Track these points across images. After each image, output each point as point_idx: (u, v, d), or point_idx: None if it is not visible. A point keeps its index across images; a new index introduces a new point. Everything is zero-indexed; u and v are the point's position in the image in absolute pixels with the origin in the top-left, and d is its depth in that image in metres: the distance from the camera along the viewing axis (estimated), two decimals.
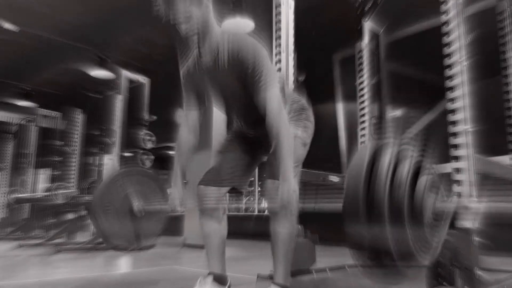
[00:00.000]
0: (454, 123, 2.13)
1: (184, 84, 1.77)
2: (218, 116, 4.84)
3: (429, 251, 1.15)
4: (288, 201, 1.44)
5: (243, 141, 1.83)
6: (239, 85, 1.61)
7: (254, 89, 1.55)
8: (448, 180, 1.40)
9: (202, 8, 1.52)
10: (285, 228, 1.60)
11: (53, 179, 6.70)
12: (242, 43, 1.56)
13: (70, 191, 5.63)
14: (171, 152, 5.25)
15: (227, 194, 1.80)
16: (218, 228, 1.73)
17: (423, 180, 1.15)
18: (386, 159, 1.09)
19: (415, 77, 4.36)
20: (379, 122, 3.24)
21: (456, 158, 2.09)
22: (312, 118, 1.85)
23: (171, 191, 1.78)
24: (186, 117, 1.80)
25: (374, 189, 1.05)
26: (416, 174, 1.13)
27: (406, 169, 1.11)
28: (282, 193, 1.44)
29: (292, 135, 1.57)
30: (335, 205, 1.28)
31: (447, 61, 2.17)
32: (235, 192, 1.84)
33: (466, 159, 2.07)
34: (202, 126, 1.84)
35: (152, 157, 5.19)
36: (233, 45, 1.56)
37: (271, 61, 1.59)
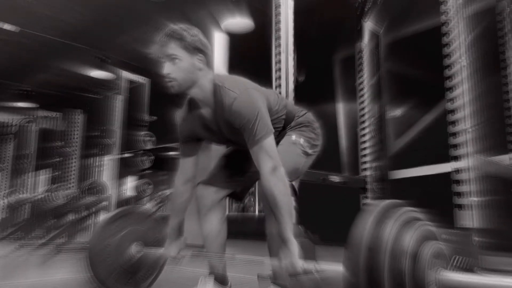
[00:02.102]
0: (454, 123, 2.14)
1: (179, 131, 1.70)
2: None
3: None
4: (292, 273, 1.42)
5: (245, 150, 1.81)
6: (233, 135, 1.57)
7: (247, 141, 1.47)
8: (453, 248, 1.35)
9: (191, 65, 1.49)
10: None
11: (53, 180, 6.70)
12: (235, 102, 1.47)
13: (70, 191, 5.63)
14: (171, 153, 5.25)
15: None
16: (218, 228, 1.73)
17: (426, 248, 1.11)
18: (389, 225, 1.07)
19: (415, 77, 4.36)
20: (380, 122, 3.25)
21: (456, 158, 2.09)
22: (318, 131, 1.78)
23: (166, 245, 1.75)
24: (182, 165, 1.72)
25: (374, 258, 1.03)
26: (421, 241, 1.10)
27: (409, 236, 1.08)
28: (286, 265, 1.41)
29: (289, 192, 1.47)
30: None
31: (447, 61, 2.17)
32: (234, 198, 1.83)
33: (466, 159, 2.07)
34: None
35: (152, 157, 5.19)
36: (227, 102, 1.48)
37: (265, 106, 1.51)
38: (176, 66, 1.47)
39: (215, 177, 1.75)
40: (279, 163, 1.43)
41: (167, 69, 1.48)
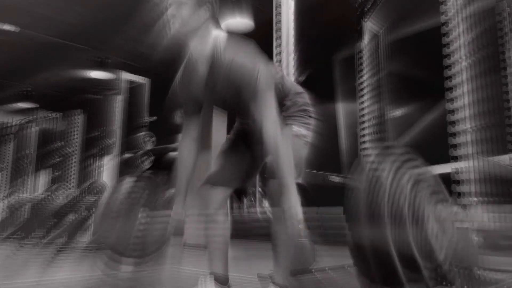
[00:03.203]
0: (454, 123, 2.14)
1: (179, 91, 1.72)
2: (219, 117, 4.84)
3: (434, 256, 1.15)
4: (294, 220, 1.43)
5: (245, 140, 1.81)
6: (233, 92, 1.57)
7: (248, 97, 1.50)
8: (449, 185, 1.42)
9: (196, 14, 1.51)
10: (286, 230, 1.60)
11: (53, 180, 6.70)
12: (236, 57, 1.50)
13: (70, 191, 5.63)
14: (171, 153, 5.25)
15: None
16: (222, 228, 1.72)
17: (423, 187, 1.15)
18: (386, 171, 1.12)
19: (415, 77, 4.36)
20: (379, 122, 3.24)
21: (456, 158, 2.09)
22: (314, 114, 1.80)
23: (174, 205, 1.76)
24: (185, 126, 1.76)
25: (375, 201, 1.07)
26: (416, 182, 1.14)
27: (406, 178, 1.13)
28: (286, 212, 1.43)
29: (290, 149, 1.51)
30: None
31: (447, 61, 2.17)
32: (239, 192, 1.84)
33: (466, 159, 2.07)
34: (202, 129, 1.83)
35: (152, 157, 5.19)
36: (228, 56, 1.51)
37: (265, 64, 1.53)
38: (182, 11, 1.49)
39: (220, 176, 1.74)
40: (278, 118, 1.49)
41: (172, 11, 1.50)
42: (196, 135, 1.76)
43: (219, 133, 4.63)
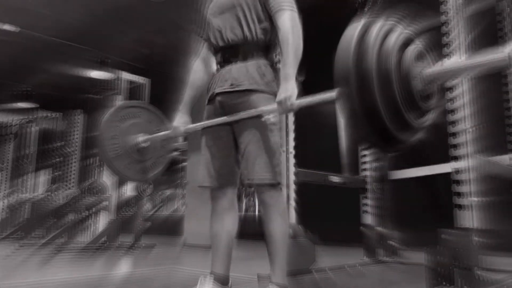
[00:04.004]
0: (454, 123, 2.13)
1: (202, 12, 1.83)
2: None
3: (421, 116, 1.21)
4: (287, 99, 1.47)
5: (219, 125, 1.72)
6: (255, 9, 1.68)
7: (271, 11, 1.64)
8: (436, 47, 1.46)
9: None
10: (278, 228, 1.60)
11: (53, 180, 6.70)
12: None
13: (70, 191, 5.63)
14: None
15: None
16: (230, 229, 1.71)
17: (410, 49, 1.19)
18: (374, 32, 1.15)
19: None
20: None
21: (456, 158, 2.09)
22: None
23: (176, 116, 1.83)
24: (201, 48, 1.86)
25: (363, 59, 1.11)
26: (404, 45, 1.19)
27: (393, 40, 1.17)
28: (281, 92, 1.49)
29: (301, 45, 1.61)
30: None
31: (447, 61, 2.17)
32: (239, 192, 1.84)
33: (466, 159, 2.07)
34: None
35: None
36: None
37: None
38: None
39: (223, 177, 1.71)
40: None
41: None
42: (207, 57, 1.84)
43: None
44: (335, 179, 3.04)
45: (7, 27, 5.23)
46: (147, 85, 5.62)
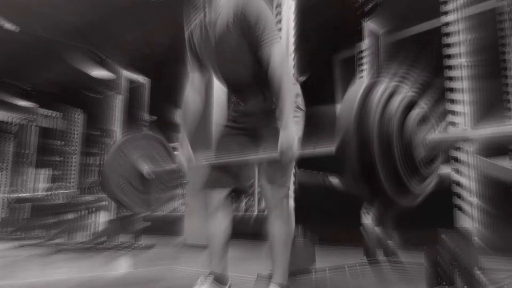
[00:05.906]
0: (454, 123, 2.13)
1: (188, 48, 1.81)
2: (218, 110, 4.84)
3: (422, 181, 1.19)
4: (288, 149, 1.47)
5: (240, 136, 1.78)
6: (242, 47, 1.62)
7: (257, 45, 1.56)
8: (440, 113, 1.44)
9: None
10: (282, 228, 1.61)
11: (53, 179, 6.70)
12: (247, 4, 1.58)
13: (70, 191, 5.63)
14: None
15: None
16: (223, 228, 1.72)
17: (413, 113, 1.18)
18: (378, 94, 1.13)
19: (415, 77, 4.36)
20: None
21: (456, 159, 2.09)
22: (303, 106, 1.79)
23: (178, 152, 1.81)
24: (191, 79, 1.83)
25: (364, 121, 1.09)
26: (407, 108, 1.17)
27: (397, 103, 1.15)
28: (282, 141, 1.47)
29: (293, 87, 1.58)
30: None
31: (448, 62, 2.17)
32: (238, 192, 1.83)
33: (466, 159, 2.07)
34: (200, 125, 1.84)
35: None
36: (238, 1, 1.59)
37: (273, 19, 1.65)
38: None
39: (218, 178, 1.73)
40: (286, 63, 1.60)
41: None
42: (200, 88, 1.83)
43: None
44: (335, 179, 3.04)
45: (7, 26, 5.23)
46: (147, 85, 5.62)
